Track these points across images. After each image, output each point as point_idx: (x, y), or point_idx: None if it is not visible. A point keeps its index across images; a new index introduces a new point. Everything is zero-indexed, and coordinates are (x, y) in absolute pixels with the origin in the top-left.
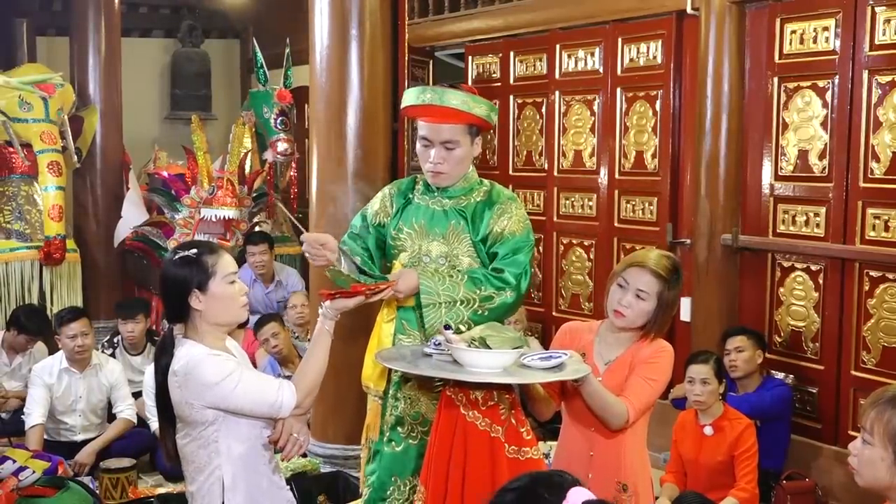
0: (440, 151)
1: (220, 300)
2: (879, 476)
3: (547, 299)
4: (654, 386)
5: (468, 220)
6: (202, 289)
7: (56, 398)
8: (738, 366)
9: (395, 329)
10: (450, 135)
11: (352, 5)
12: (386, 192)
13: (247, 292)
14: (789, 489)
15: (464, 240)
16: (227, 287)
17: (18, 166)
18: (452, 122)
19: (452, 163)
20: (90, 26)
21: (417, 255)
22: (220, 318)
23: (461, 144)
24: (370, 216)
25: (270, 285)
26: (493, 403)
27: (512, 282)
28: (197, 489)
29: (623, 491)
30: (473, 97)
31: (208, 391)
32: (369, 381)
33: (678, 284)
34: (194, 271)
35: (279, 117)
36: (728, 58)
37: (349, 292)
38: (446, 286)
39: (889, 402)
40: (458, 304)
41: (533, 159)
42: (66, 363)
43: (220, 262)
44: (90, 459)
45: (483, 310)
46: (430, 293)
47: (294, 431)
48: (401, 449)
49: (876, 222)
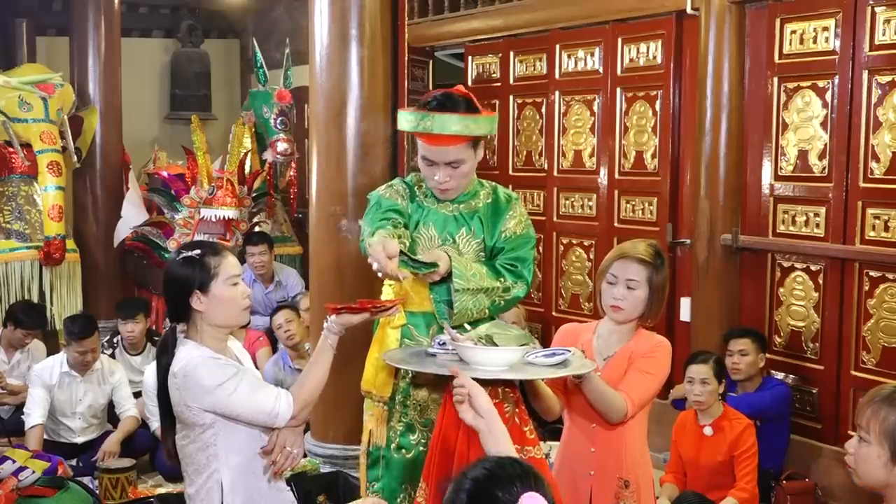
0: (446, 170)
1: (221, 302)
2: (876, 474)
3: (547, 299)
4: (652, 379)
5: (480, 224)
6: (204, 290)
7: (57, 400)
8: (741, 369)
9: (403, 334)
10: (455, 155)
11: (352, 5)
12: (399, 188)
13: (249, 294)
14: (789, 489)
15: (474, 244)
16: (229, 289)
17: (18, 166)
18: (455, 144)
19: (459, 178)
20: (90, 26)
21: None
22: (221, 319)
23: (466, 161)
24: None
25: (270, 285)
26: (498, 401)
27: (526, 276)
28: (196, 491)
29: (625, 487)
30: (473, 119)
31: (205, 395)
32: (372, 386)
33: (664, 267)
34: (197, 271)
35: (279, 117)
36: (728, 58)
37: (355, 308)
38: (473, 272)
39: (885, 401)
40: (483, 292)
41: (533, 159)
42: (67, 367)
43: (224, 263)
44: (116, 448)
45: (501, 300)
46: (462, 276)
47: (288, 444)
48: (412, 456)
49: (876, 222)
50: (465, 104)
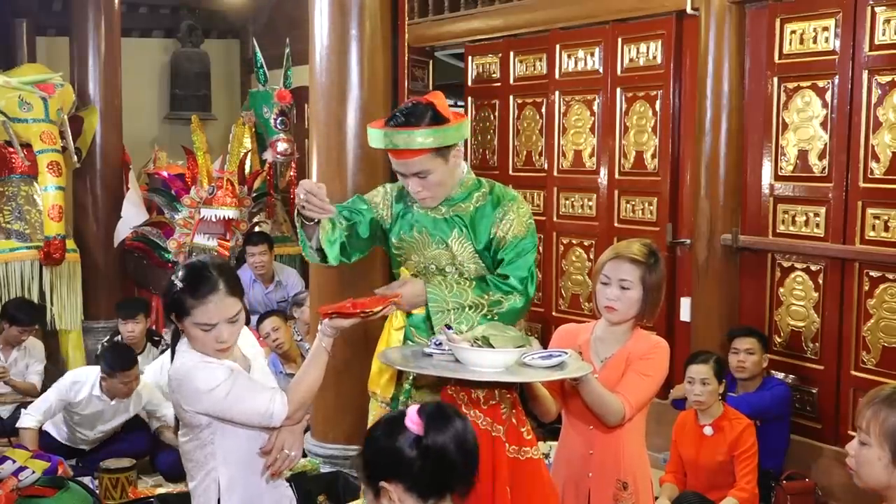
0: (415, 181)
1: (194, 339)
2: (878, 476)
3: (547, 299)
4: (650, 381)
5: (468, 229)
6: (179, 319)
7: (79, 414)
8: (747, 367)
9: (405, 336)
10: (420, 167)
11: (352, 5)
12: (387, 189)
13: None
14: (789, 489)
15: (468, 247)
16: (199, 332)
17: (18, 166)
18: (418, 156)
19: (431, 187)
20: (90, 26)
21: (423, 264)
22: (197, 348)
23: (434, 170)
24: (370, 204)
25: (270, 285)
26: (495, 402)
27: (518, 287)
28: (195, 487)
29: (623, 489)
30: (437, 130)
31: (199, 399)
32: (377, 387)
33: (659, 266)
34: (175, 301)
35: (279, 117)
36: (728, 58)
37: (346, 313)
38: (454, 293)
39: (884, 402)
40: (468, 309)
41: (533, 159)
42: (99, 391)
43: (200, 309)
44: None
45: (493, 314)
46: (438, 300)
47: (286, 446)
48: None
49: (876, 222)
50: (430, 116)
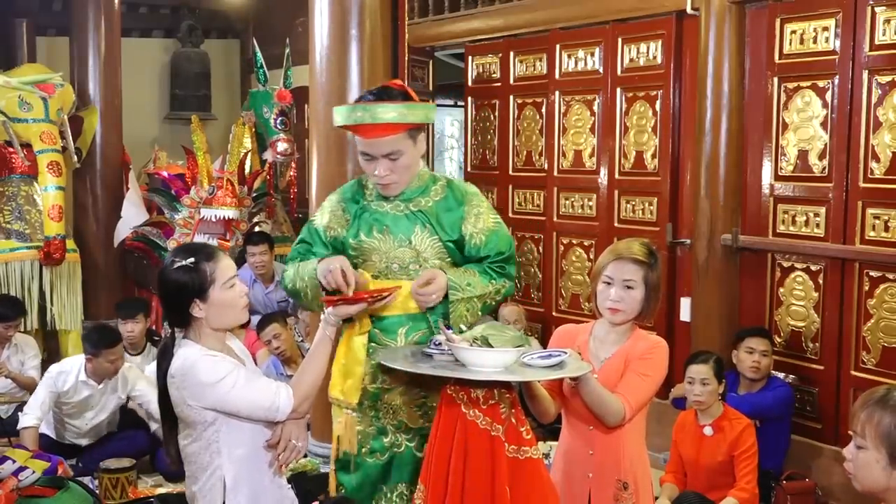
0: (385, 164)
1: (221, 306)
2: (876, 478)
3: (547, 299)
4: (650, 382)
5: (432, 223)
6: (202, 297)
7: (69, 404)
8: (762, 368)
9: (371, 338)
10: (391, 147)
11: (352, 5)
12: (333, 201)
13: (247, 293)
14: (789, 489)
15: (431, 243)
16: (227, 292)
17: (18, 166)
18: (390, 134)
19: (400, 171)
20: (90, 26)
21: (385, 263)
22: (222, 322)
23: (405, 151)
24: (322, 230)
25: (270, 285)
26: (494, 402)
27: (512, 273)
28: (199, 489)
29: (624, 489)
30: (408, 105)
31: (205, 392)
32: (340, 393)
33: (658, 265)
34: (194, 279)
35: (279, 117)
36: (728, 58)
37: (352, 299)
38: (468, 282)
39: (878, 404)
40: (476, 298)
41: (533, 159)
42: (85, 375)
43: (219, 268)
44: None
45: (492, 301)
46: (457, 289)
47: (293, 438)
48: (385, 458)
49: (876, 222)
50: (400, 95)
